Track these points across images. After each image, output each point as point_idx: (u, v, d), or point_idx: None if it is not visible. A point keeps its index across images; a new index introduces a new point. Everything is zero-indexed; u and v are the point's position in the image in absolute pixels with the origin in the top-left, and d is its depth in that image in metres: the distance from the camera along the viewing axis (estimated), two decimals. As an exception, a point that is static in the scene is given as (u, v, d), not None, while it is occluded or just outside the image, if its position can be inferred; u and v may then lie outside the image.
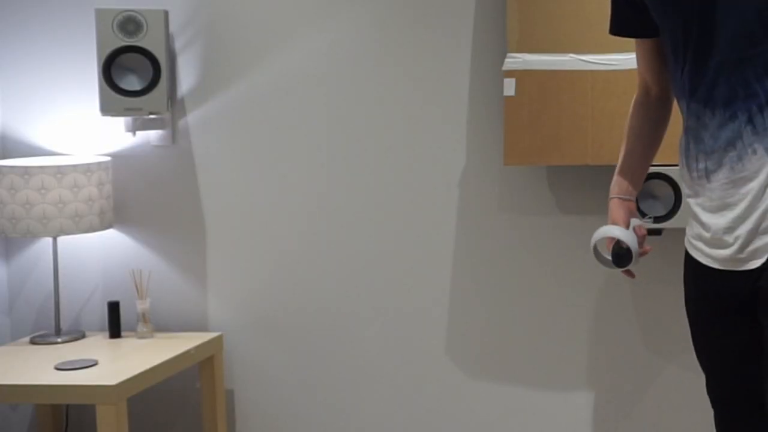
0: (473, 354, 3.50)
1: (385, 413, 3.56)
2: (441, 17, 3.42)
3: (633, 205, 2.32)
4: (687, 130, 2.19)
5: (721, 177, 2.08)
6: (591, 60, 3.13)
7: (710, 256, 2.15)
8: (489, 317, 3.49)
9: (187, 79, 3.52)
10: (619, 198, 2.33)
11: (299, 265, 3.54)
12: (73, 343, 3.38)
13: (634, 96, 2.33)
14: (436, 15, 3.41)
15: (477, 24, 3.40)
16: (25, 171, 3.25)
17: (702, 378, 3.46)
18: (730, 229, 2.07)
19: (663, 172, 3.09)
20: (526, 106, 3.14)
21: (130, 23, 3.34)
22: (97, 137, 3.55)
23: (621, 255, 2.22)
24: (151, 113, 3.38)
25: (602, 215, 3.40)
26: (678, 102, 2.20)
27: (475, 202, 3.46)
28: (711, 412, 3.45)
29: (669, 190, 3.10)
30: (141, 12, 3.35)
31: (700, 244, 2.18)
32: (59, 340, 3.38)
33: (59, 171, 3.27)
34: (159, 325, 3.53)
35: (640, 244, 2.27)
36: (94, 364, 3.11)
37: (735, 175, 2.04)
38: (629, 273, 2.35)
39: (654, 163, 3.12)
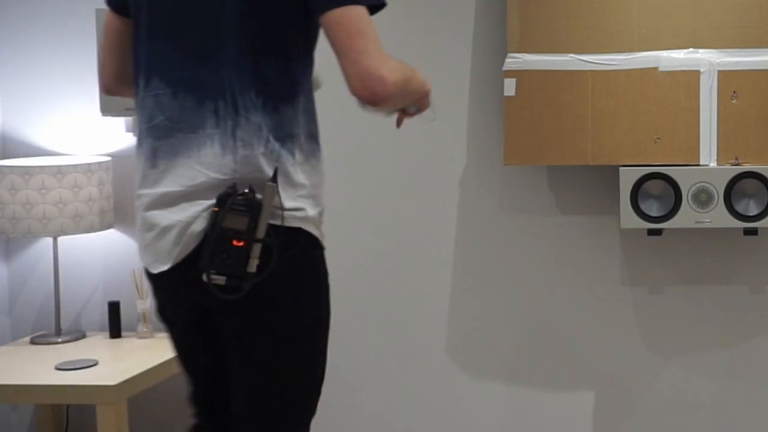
0: (473, 354, 3.50)
1: (385, 413, 3.56)
2: (441, 17, 3.42)
3: None
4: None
5: None
6: (591, 60, 3.13)
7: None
8: (489, 317, 3.49)
9: (187, 79, 3.52)
10: None
11: (299, 265, 3.53)
12: (73, 343, 3.38)
13: None
14: (436, 15, 3.41)
15: (477, 24, 3.40)
16: (25, 171, 3.25)
17: (702, 378, 3.48)
18: None
19: (663, 172, 3.09)
20: (526, 106, 3.15)
21: (130, 23, 3.34)
22: (97, 137, 3.55)
23: None
24: (151, 113, 3.38)
25: (602, 215, 3.42)
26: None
27: (475, 202, 3.46)
28: (710, 413, 3.47)
29: (669, 190, 3.10)
30: (141, 12, 3.35)
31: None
32: (59, 340, 3.38)
33: (59, 171, 3.27)
34: (159, 325, 3.51)
35: None
36: (94, 364, 3.11)
37: None
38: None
39: (654, 163, 3.14)
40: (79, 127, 3.55)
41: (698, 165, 3.10)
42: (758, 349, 3.41)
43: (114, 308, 3.44)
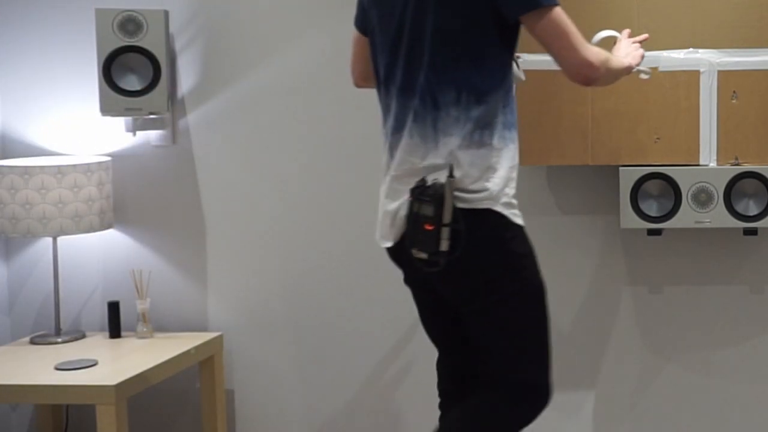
0: (473, 354, 3.50)
1: (385, 413, 3.56)
2: (441, 17, 3.41)
3: None
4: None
5: None
6: (591, 60, 3.12)
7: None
8: (489, 317, 3.49)
9: (187, 79, 3.52)
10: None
11: (299, 265, 3.54)
12: (73, 343, 3.38)
13: None
14: (436, 15, 3.41)
15: (477, 24, 3.40)
16: (25, 171, 3.25)
17: (702, 378, 3.48)
18: None
19: (663, 172, 3.09)
20: (526, 106, 3.14)
21: (130, 23, 3.34)
22: (97, 137, 3.55)
23: None
24: (151, 113, 3.38)
25: (602, 215, 3.42)
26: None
27: (475, 202, 3.45)
28: (710, 413, 3.47)
29: (669, 190, 3.10)
30: (141, 12, 3.35)
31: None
32: (59, 340, 3.38)
33: (59, 171, 3.27)
34: (159, 325, 3.53)
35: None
36: (94, 364, 3.11)
37: None
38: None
39: (654, 163, 3.14)
40: (79, 127, 3.55)
41: (698, 165, 3.10)
42: (758, 349, 3.41)
43: (113, 308, 3.44)
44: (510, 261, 2.39)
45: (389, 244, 2.46)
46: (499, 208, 2.35)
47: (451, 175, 2.31)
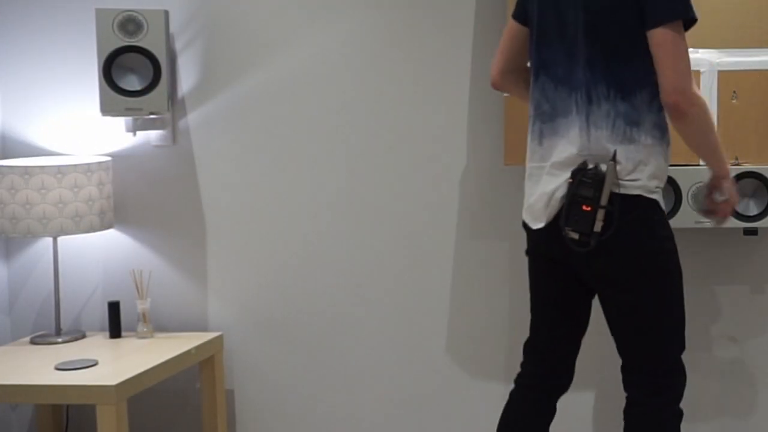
0: (473, 354, 3.50)
1: (385, 413, 3.56)
2: (442, 18, 3.42)
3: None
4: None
5: None
6: (591, 60, 3.12)
7: None
8: (489, 317, 3.49)
9: (187, 79, 3.52)
10: None
11: (300, 265, 3.54)
12: (73, 343, 3.38)
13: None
14: (437, 15, 3.41)
15: (477, 24, 3.40)
16: (25, 171, 3.25)
17: (702, 378, 3.48)
18: None
19: (663, 172, 3.09)
20: (526, 106, 3.14)
21: (130, 23, 3.34)
22: (97, 137, 3.55)
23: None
24: (151, 113, 3.38)
25: (602, 215, 3.39)
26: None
27: (475, 202, 3.46)
28: (710, 413, 3.47)
29: (669, 190, 3.10)
30: (141, 12, 3.35)
31: None
32: (59, 340, 3.38)
33: (59, 171, 3.27)
34: (159, 325, 3.53)
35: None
36: (94, 364, 3.11)
37: None
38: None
39: (654, 163, 3.12)
40: (79, 127, 3.55)
41: (698, 165, 3.10)
42: (758, 349, 3.41)
43: (114, 308, 3.44)
44: (656, 242, 2.52)
45: (541, 225, 2.57)
46: (648, 194, 2.49)
47: (613, 160, 2.45)
